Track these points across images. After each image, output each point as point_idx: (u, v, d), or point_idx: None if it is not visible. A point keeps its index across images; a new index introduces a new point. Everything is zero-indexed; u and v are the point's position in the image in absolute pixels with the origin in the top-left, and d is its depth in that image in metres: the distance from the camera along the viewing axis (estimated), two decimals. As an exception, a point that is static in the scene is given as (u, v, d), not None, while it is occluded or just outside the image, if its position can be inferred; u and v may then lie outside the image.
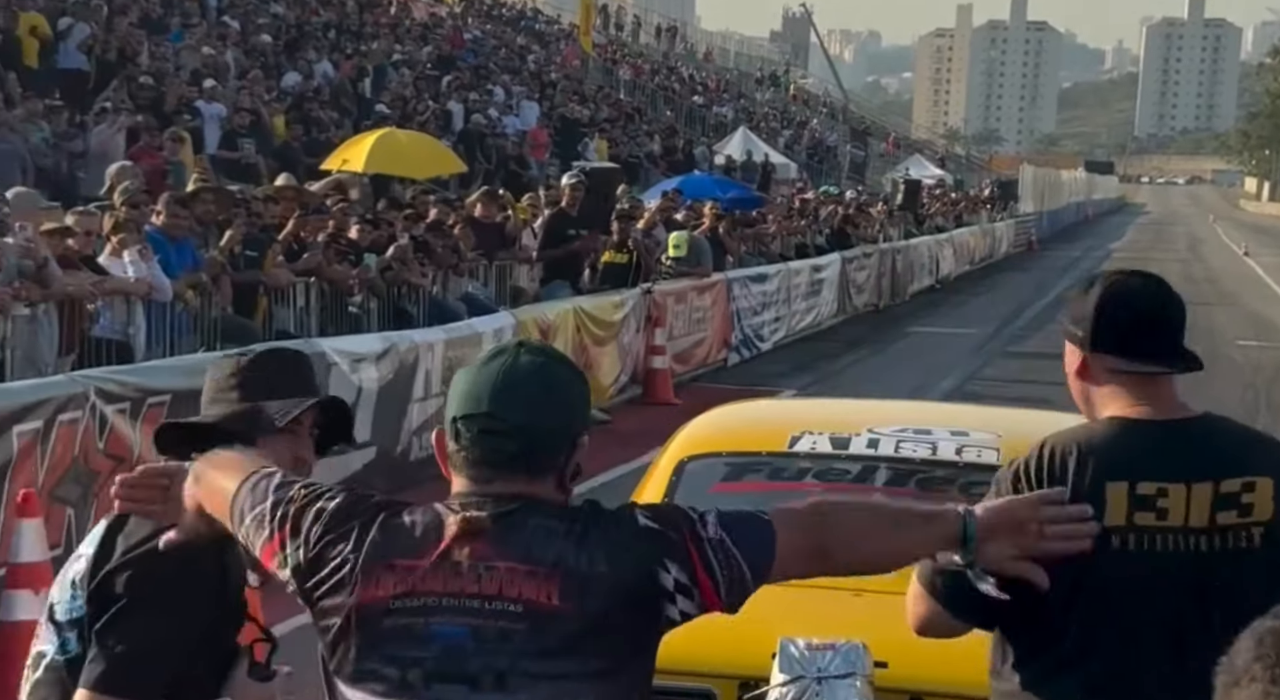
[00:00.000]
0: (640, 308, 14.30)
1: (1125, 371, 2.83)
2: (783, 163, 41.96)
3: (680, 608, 2.30)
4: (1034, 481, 2.82)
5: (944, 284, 29.84)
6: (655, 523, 2.32)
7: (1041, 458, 2.85)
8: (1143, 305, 2.86)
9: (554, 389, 2.33)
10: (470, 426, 2.31)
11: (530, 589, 2.23)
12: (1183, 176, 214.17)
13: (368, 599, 2.25)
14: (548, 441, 2.31)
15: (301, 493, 2.37)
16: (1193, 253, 49.51)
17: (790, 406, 6.27)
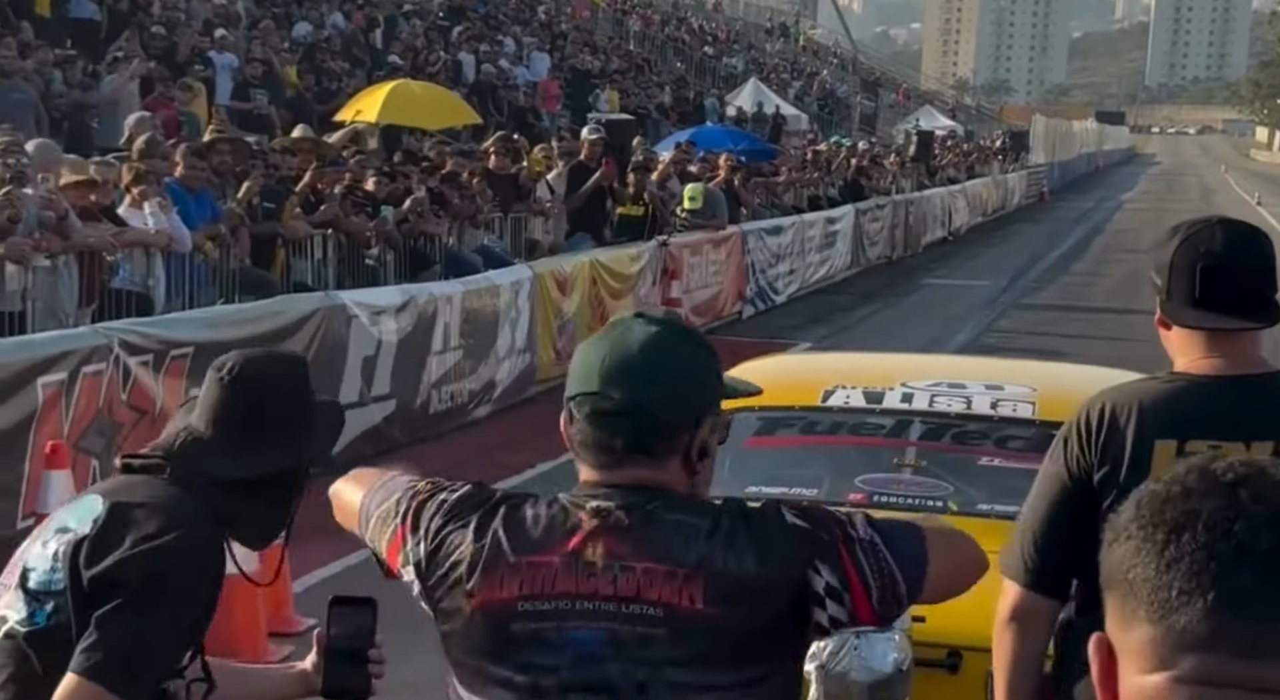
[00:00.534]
0: (656, 260, 14.26)
1: (1199, 328, 2.77)
2: (794, 114, 41.76)
3: (830, 613, 2.12)
4: (1084, 438, 2.79)
5: (956, 236, 29.75)
6: (805, 521, 2.14)
7: (1091, 414, 2.80)
8: (1220, 253, 2.73)
9: (670, 361, 2.12)
10: (582, 407, 2.14)
11: (671, 591, 2.06)
12: (1194, 126, 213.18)
13: (492, 599, 2.10)
14: (665, 421, 2.09)
15: (426, 486, 2.27)
16: (1205, 203, 49.30)
17: (823, 360, 6.24)
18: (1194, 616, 1.10)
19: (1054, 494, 2.83)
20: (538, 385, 12.04)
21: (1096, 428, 2.77)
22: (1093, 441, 2.77)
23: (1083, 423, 2.81)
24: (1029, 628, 2.88)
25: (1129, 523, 1.20)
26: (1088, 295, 20.79)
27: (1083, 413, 2.83)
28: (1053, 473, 2.87)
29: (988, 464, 4.75)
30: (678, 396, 2.11)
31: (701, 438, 2.12)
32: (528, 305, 11.80)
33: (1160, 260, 2.79)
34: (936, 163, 32.72)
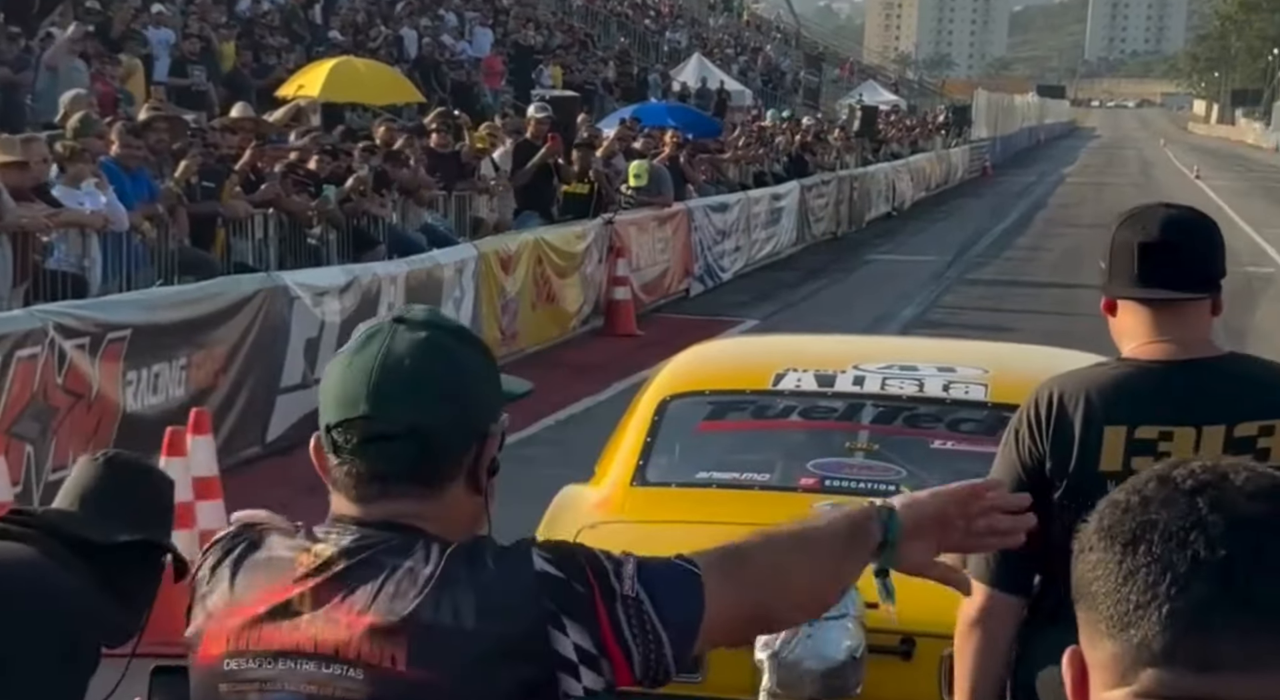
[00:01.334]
0: (602, 238, 14.18)
1: (1134, 300, 2.74)
2: (737, 89, 41.71)
3: (585, 683, 1.78)
4: (1034, 428, 2.75)
5: (900, 211, 29.82)
6: (556, 568, 1.79)
7: (1040, 403, 2.76)
8: (1159, 231, 2.73)
9: (447, 371, 1.83)
10: (348, 435, 1.81)
11: (375, 649, 1.75)
12: (1132, 100, 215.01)
13: (205, 656, 1.85)
14: (448, 442, 1.81)
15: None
16: (1145, 176, 49.70)
17: (774, 342, 6.20)
18: (1150, 630, 1.08)
19: (1009, 487, 2.81)
20: (484, 365, 11.93)
21: (1045, 416, 2.74)
22: (1042, 430, 2.73)
23: (1032, 412, 2.77)
24: (993, 625, 2.84)
25: (1092, 534, 1.18)
26: (1031, 270, 20.87)
27: (1031, 402, 2.79)
28: (1006, 465, 2.83)
29: (940, 447, 4.72)
30: (460, 412, 1.83)
31: (489, 453, 1.85)
32: (472, 284, 11.69)
33: (1107, 245, 2.79)
34: (881, 137, 32.75)
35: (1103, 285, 2.80)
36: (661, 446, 4.75)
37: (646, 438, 4.75)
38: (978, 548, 2.26)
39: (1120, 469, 2.64)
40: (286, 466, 8.99)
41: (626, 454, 4.75)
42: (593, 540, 4.43)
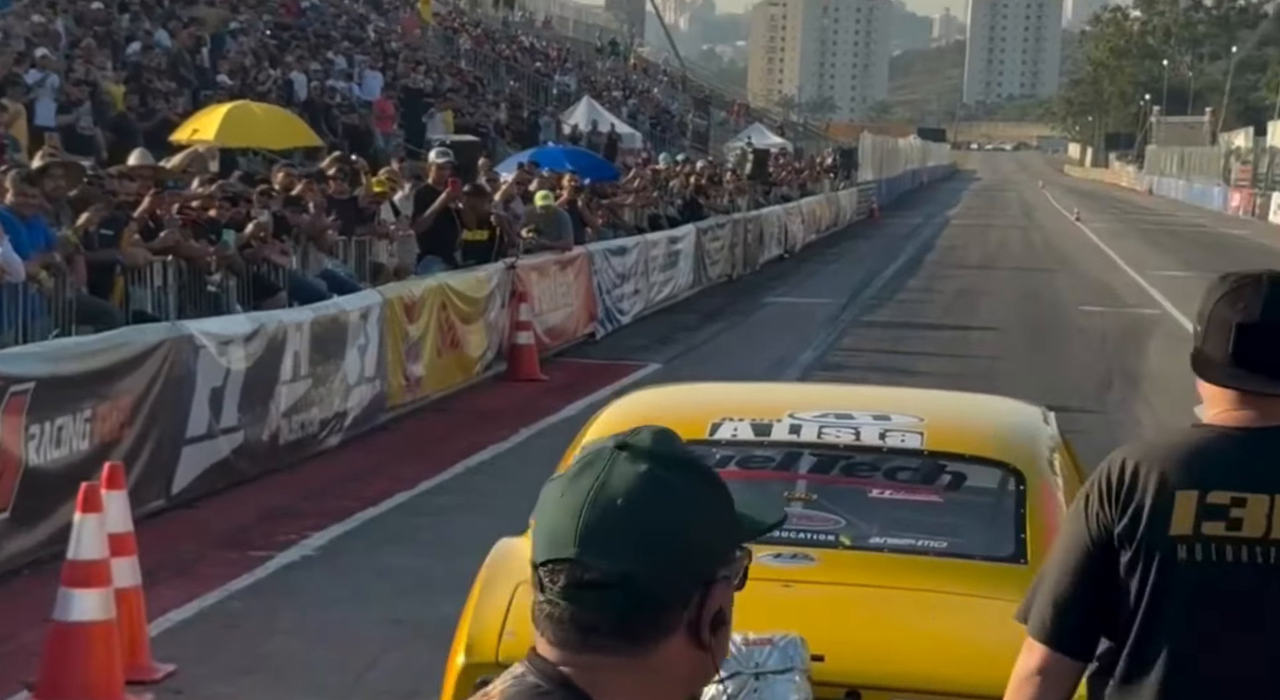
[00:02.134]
0: (505, 283, 14.13)
1: (1228, 387, 2.69)
2: (628, 132, 41.94)
3: None
4: (1105, 494, 2.72)
5: (793, 253, 30.08)
6: None
7: (1112, 470, 2.73)
8: (1258, 310, 2.67)
9: (669, 512, 1.61)
10: (555, 577, 1.62)
11: None
12: (1010, 143, 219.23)
13: None
14: (664, 592, 1.61)
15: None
16: (1028, 219, 50.64)
17: (708, 390, 6.17)
18: None
19: (1076, 552, 2.75)
20: (389, 412, 11.83)
21: (1117, 483, 2.70)
22: (1113, 497, 2.70)
23: (1103, 479, 2.74)
24: (1047, 686, 2.76)
25: None
26: (925, 312, 21.13)
27: (1103, 469, 2.76)
28: (1073, 531, 2.77)
29: (879, 496, 4.73)
30: (682, 559, 1.62)
31: (715, 604, 1.62)
32: (377, 331, 11.57)
33: (1201, 309, 2.74)
34: (772, 180, 33.05)
35: (1193, 352, 2.75)
36: (598, 499, 4.70)
37: (584, 489, 4.70)
38: None
39: (1190, 533, 2.64)
40: (193, 519, 8.82)
41: (563, 506, 4.70)
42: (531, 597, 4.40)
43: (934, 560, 4.48)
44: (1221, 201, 60.11)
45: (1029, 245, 36.57)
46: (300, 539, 8.41)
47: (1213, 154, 76.76)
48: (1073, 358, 16.89)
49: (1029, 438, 4.98)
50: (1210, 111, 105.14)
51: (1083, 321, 20.25)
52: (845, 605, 4.38)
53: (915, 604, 4.38)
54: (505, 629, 4.18)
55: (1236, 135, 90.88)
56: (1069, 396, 13.08)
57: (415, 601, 7.21)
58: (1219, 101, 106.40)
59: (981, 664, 4.13)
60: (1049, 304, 22.72)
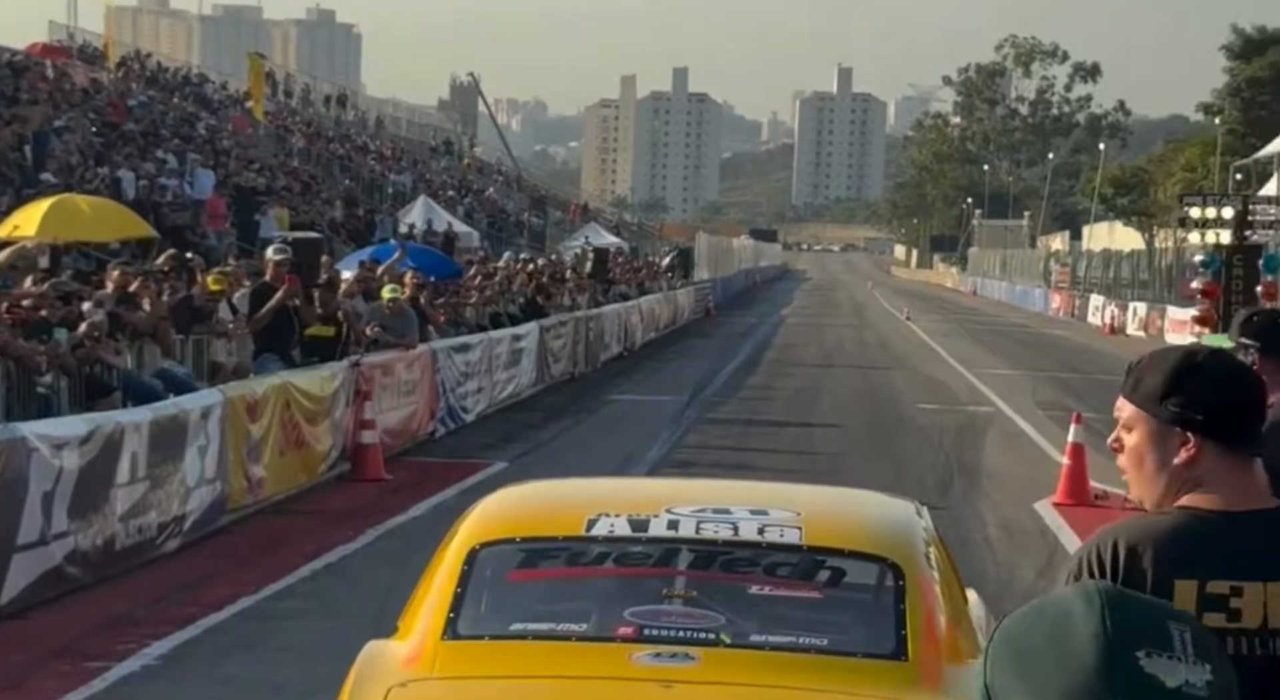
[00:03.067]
0: (349, 381, 13.88)
1: (1217, 456, 2.63)
2: (465, 231, 41.94)
3: None
4: (1099, 573, 2.62)
5: (632, 351, 30.18)
6: None
7: (1104, 552, 2.62)
8: (1246, 387, 2.67)
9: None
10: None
11: None
12: (838, 244, 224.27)
13: None
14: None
15: None
16: (860, 318, 51.57)
17: (583, 486, 6.07)
18: None
19: None
20: (230, 515, 11.47)
21: (1112, 565, 2.60)
22: (1113, 580, 2.59)
23: (1093, 559, 2.62)
24: None
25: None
26: (767, 409, 21.28)
27: (1092, 551, 2.64)
28: None
29: (758, 592, 4.66)
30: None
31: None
32: (218, 431, 11.24)
33: (1167, 385, 2.65)
34: (611, 278, 33.22)
35: (1196, 432, 2.63)
36: (472, 597, 4.57)
37: (456, 588, 4.56)
38: None
39: None
40: (24, 630, 8.40)
41: (435, 606, 4.55)
42: (405, 699, 4.23)
43: (815, 658, 4.41)
44: (1043, 303, 61.93)
45: (863, 344, 37.19)
46: (140, 648, 8.04)
47: (1033, 256, 79.25)
48: (914, 454, 17.10)
49: (905, 532, 4.97)
50: (1029, 215, 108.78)
51: (921, 419, 20.55)
52: (728, 705, 4.29)
53: (798, 703, 4.31)
54: (379, 735, 4.02)
55: (1054, 238, 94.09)
56: (912, 492, 13.17)
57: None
58: (1037, 206, 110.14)
59: (866, 762, 4.06)
60: (887, 401, 23.05)
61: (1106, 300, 49.99)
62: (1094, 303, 52.05)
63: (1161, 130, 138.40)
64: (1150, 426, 2.64)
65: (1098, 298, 52.25)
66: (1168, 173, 70.95)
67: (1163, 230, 71.17)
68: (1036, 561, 11.22)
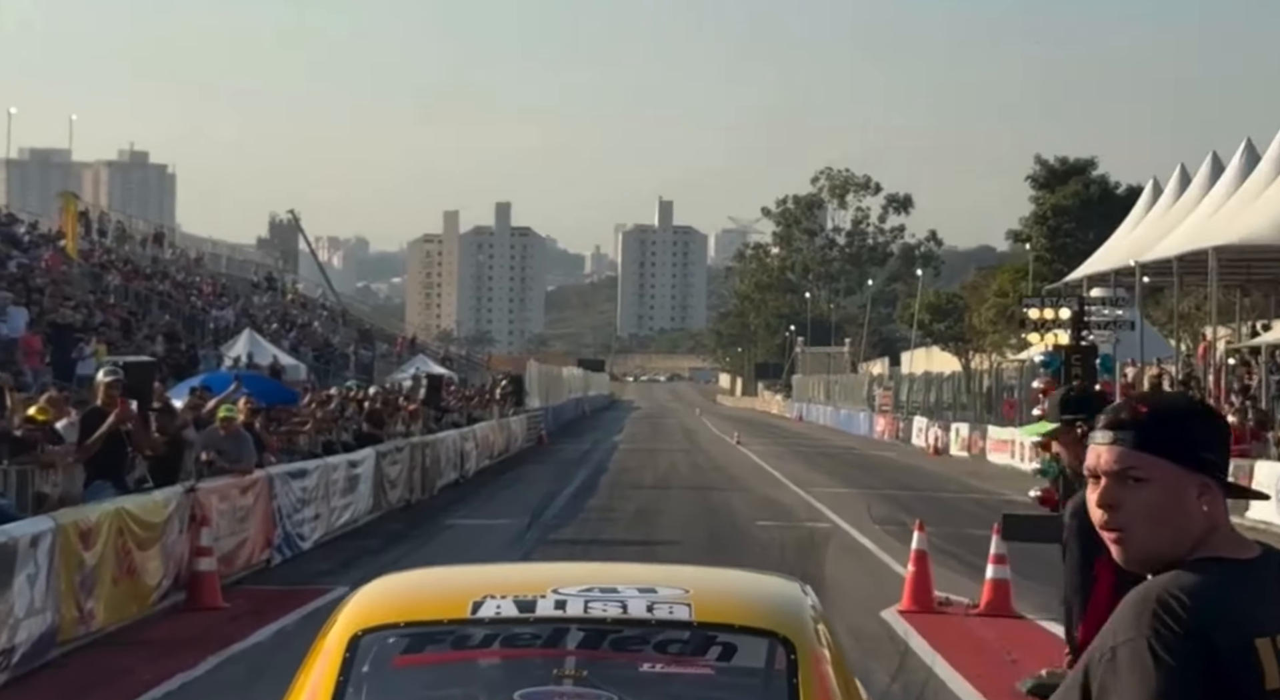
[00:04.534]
0: (184, 507, 13.45)
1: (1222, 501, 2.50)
2: (291, 364, 41.34)
3: None
4: (1173, 645, 2.34)
5: (467, 478, 29.91)
6: None
7: (1168, 613, 2.35)
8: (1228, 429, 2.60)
9: None
10: None
11: None
12: (664, 374, 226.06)
13: None
14: None
15: None
16: (691, 443, 51.87)
17: (465, 571, 5.92)
18: None
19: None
20: (60, 647, 10.94)
21: (1185, 630, 2.35)
22: (1190, 649, 2.35)
23: (1163, 628, 2.36)
24: None
25: None
26: (608, 529, 21.18)
27: (1148, 613, 2.38)
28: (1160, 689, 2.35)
29: (649, 670, 4.58)
30: None
31: None
32: (47, 560, 10.77)
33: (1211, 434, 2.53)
34: (444, 406, 32.98)
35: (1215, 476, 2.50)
36: (355, 686, 4.39)
37: (339, 677, 4.38)
38: None
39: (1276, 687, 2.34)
40: None
41: (317, 697, 4.36)
42: None
43: (710, 735, 4.33)
44: (868, 426, 63.02)
45: (697, 467, 37.37)
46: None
47: (856, 381, 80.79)
48: (757, 568, 17.11)
49: (795, 607, 4.93)
50: (850, 342, 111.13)
51: (761, 534, 20.63)
52: (625, 788, 4.17)
53: (695, 783, 4.21)
54: None
55: (874, 364, 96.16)
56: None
57: None
58: (857, 333, 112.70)
59: None
60: (726, 519, 23.12)
61: (929, 422, 51.04)
62: (917, 425, 53.10)
63: (971, 260, 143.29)
64: (1173, 474, 2.47)
65: (921, 420, 53.33)
66: (981, 298, 73.21)
67: (978, 354, 73.32)
68: (889, 666, 11.24)
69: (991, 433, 41.85)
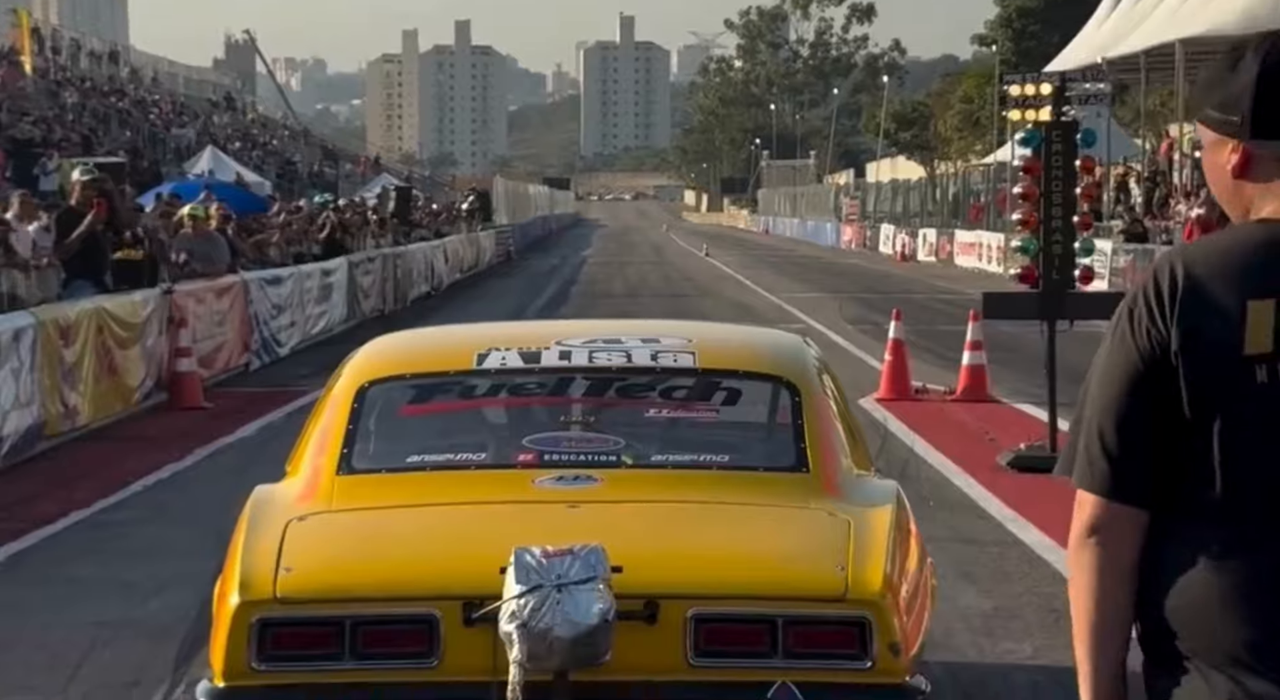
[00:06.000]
0: (162, 309, 13.44)
1: (1275, 159, 2.28)
2: (255, 181, 40.90)
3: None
4: (1152, 305, 2.25)
5: (439, 291, 29.93)
6: None
7: (1161, 278, 2.25)
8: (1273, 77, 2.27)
9: None
10: None
11: None
12: (629, 192, 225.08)
13: None
14: None
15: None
16: (660, 257, 51.91)
17: (470, 328, 6.00)
18: None
19: (1121, 382, 2.26)
20: (48, 441, 11.03)
21: (1170, 291, 2.23)
22: (1166, 308, 2.24)
23: (1152, 289, 2.26)
24: (1111, 540, 2.27)
25: None
26: (583, 334, 21.26)
27: (1150, 278, 2.29)
28: (1120, 356, 2.28)
29: (655, 416, 4.67)
30: None
31: None
32: (30, 355, 10.78)
33: (1234, 91, 2.30)
34: (413, 220, 32.85)
35: (1245, 139, 2.29)
36: (364, 433, 4.46)
37: (348, 425, 4.44)
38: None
39: (1270, 350, 2.19)
40: None
41: (327, 444, 4.42)
42: (303, 533, 4.12)
43: (717, 474, 4.42)
44: (835, 237, 63.09)
45: (667, 278, 37.48)
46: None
47: (823, 192, 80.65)
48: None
49: (798, 355, 5.01)
50: (815, 155, 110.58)
51: (735, 336, 20.78)
52: (636, 520, 4.27)
53: (705, 515, 4.31)
54: (280, 566, 3.90)
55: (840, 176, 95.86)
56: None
57: (117, 604, 6.73)
58: (822, 145, 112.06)
59: (774, 569, 4.08)
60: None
61: (897, 229, 51.15)
62: (884, 232, 53.21)
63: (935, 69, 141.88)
64: (1206, 138, 2.35)
65: (888, 227, 53.43)
66: (946, 105, 72.74)
67: (944, 162, 73.10)
68: (871, 447, 11.41)
69: (959, 237, 42.02)
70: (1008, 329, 16.50)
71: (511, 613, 3.76)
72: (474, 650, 3.82)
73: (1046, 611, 6.51)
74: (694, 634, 3.90)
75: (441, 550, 4.12)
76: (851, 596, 3.84)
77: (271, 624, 3.79)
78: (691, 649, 3.89)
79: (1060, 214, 9.80)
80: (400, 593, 3.86)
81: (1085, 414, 2.32)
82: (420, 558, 4.07)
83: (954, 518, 8.49)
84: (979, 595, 6.88)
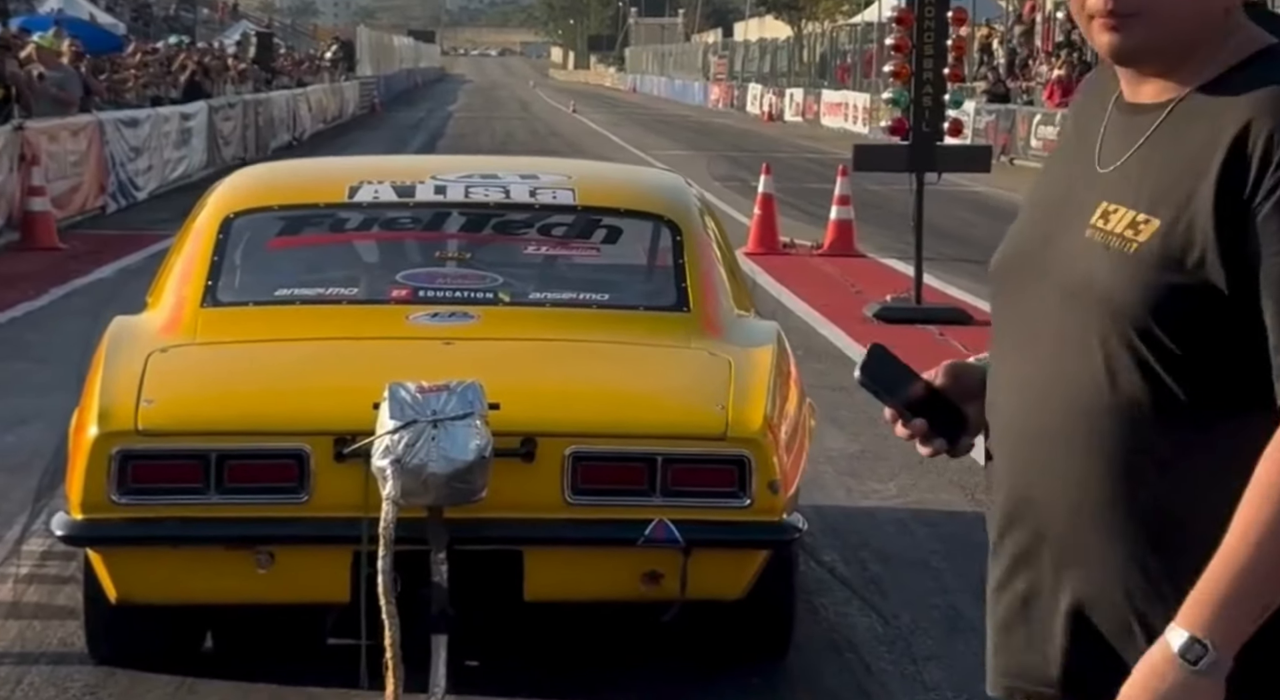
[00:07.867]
0: (13, 145, 12.93)
1: None
2: (109, 22, 39.42)
3: None
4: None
5: (301, 141, 29.23)
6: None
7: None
8: None
9: None
10: None
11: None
12: (495, 48, 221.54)
13: None
14: None
15: None
16: (527, 112, 51.27)
17: (342, 161, 5.86)
18: None
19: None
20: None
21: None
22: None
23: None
24: None
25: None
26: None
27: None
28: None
29: (534, 253, 4.57)
30: None
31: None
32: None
33: None
34: (275, 68, 31.96)
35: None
36: (230, 266, 4.31)
37: (212, 257, 4.28)
38: None
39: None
40: None
41: (190, 275, 4.26)
42: (166, 365, 3.97)
43: (597, 312, 4.35)
44: (702, 96, 62.70)
45: (535, 134, 37.03)
46: None
47: (691, 51, 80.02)
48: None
49: (680, 194, 4.93)
50: (683, 13, 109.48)
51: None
52: (514, 358, 4.19)
53: (584, 354, 4.25)
54: (142, 398, 3.76)
55: (708, 35, 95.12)
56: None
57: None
58: (691, 4, 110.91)
59: (654, 408, 4.04)
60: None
61: (764, 89, 50.98)
62: (752, 92, 53.01)
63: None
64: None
65: (755, 87, 53.23)
66: (817, -34, 72.20)
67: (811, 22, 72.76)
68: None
69: (825, 97, 42.01)
70: (875, 187, 16.59)
71: (385, 448, 3.67)
72: (345, 486, 3.74)
73: (911, 453, 6.56)
74: (572, 472, 3.85)
75: (312, 384, 4.01)
76: (731, 435, 3.82)
77: (132, 457, 3.67)
78: (569, 487, 3.85)
79: (931, 66, 9.78)
80: (269, 427, 3.76)
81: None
82: (290, 392, 3.96)
83: (822, 365, 8.54)
84: (846, 439, 6.96)
